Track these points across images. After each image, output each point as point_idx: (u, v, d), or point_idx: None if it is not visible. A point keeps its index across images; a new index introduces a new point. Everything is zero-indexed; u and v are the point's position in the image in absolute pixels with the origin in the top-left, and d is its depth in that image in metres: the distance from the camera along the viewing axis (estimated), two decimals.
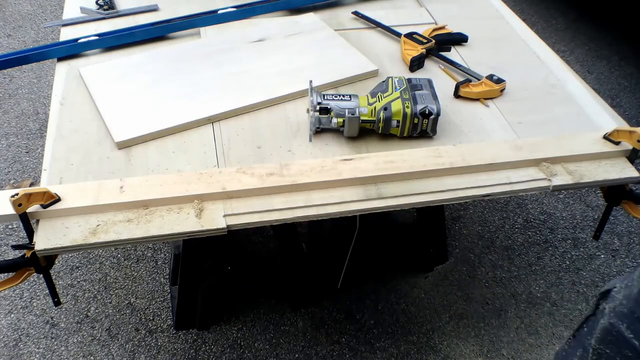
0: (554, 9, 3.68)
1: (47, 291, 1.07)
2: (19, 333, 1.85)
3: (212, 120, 1.26)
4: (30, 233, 0.99)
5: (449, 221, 2.27)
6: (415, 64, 1.43)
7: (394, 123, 1.19)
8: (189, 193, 1.04)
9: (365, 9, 1.68)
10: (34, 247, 0.96)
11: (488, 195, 1.12)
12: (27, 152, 2.52)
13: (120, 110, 1.26)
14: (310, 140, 1.21)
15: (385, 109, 1.18)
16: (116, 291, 1.99)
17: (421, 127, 1.20)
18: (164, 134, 1.22)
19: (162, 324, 1.90)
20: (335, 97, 1.22)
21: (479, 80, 1.37)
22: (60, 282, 2.00)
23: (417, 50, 1.45)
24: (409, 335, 1.89)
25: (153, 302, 1.96)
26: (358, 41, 1.54)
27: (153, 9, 1.68)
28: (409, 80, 1.24)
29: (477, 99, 1.35)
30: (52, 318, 1.90)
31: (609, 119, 1.31)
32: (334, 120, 1.19)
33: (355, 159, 1.14)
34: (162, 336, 1.86)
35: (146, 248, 2.14)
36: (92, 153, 1.17)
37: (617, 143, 1.19)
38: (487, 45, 1.56)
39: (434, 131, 1.22)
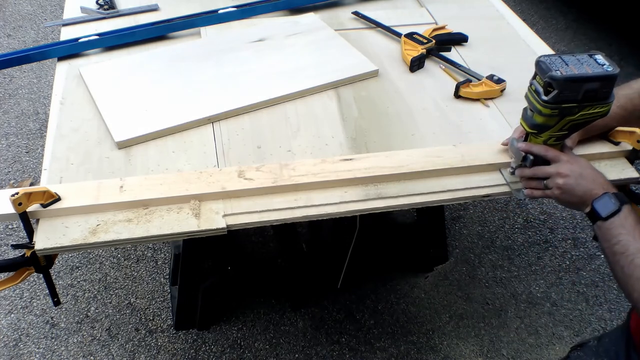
0: (554, 9, 3.68)
1: (47, 291, 1.08)
2: (19, 333, 1.85)
3: (212, 120, 1.26)
4: (30, 232, 0.99)
5: (449, 221, 2.27)
6: (416, 64, 1.43)
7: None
8: (189, 193, 1.04)
9: (365, 9, 1.68)
10: (33, 247, 0.96)
11: (487, 195, 1.12)
12: (27, 152, 2.52)
13: (120, 110, 1.26)
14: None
15: None
16: (116, 291, 1.99)
17: None
18: (164, 133, 1.21)
19: (162, 324, 1.89)
20: None
21: (479, 80, 1.37)
22: (60, 282, 2.00)
23: (418, 50, 1.45)
24: (409, 335, 1.89)
25: (153, 302, 1.96)
26: (358, 41, 1.54)
27: (153, 8, 1.68)
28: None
29: (478, 99, 1.34)
30: (52, 318, 1.90)
31: None
32: None
33: (355, 159, 1.13)
34: (162, 336, 1.86)
35: (146, 248, 2.14)
36: (92, 153, 1.17)
37: (617, 143, 1.19)
38: (487, 45, 1.55)
39: None
